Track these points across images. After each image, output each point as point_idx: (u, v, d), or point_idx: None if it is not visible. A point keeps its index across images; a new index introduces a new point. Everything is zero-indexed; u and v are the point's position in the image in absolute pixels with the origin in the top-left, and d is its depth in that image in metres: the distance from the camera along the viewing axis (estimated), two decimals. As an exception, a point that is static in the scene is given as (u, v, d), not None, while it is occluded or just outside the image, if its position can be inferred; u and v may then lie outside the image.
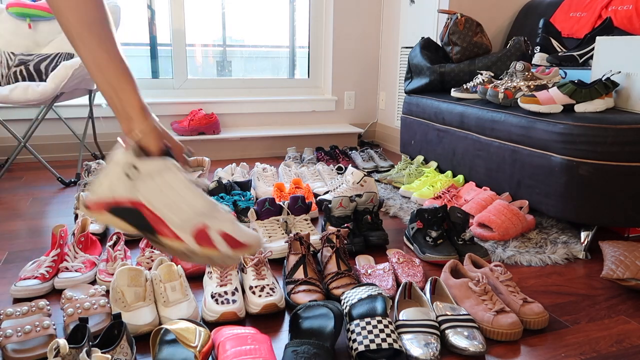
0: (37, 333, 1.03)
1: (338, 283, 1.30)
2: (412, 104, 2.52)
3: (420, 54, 2.50)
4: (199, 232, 0.74)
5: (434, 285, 1.26)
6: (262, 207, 1.63)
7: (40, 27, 2.66)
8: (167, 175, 0.74)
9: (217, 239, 0.74)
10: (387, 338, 1.02)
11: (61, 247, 1.39)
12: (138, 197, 0.73)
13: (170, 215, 0.73)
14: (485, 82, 2.17)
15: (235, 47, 3.41)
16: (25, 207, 2.02)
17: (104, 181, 0.75)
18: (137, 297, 1.14)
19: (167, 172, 0.74)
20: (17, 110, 2.77)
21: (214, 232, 0.74)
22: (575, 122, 1.56)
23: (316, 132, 3.18)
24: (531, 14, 2.71)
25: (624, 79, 1.70)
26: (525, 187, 1.78)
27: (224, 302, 1.17)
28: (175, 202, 0.73)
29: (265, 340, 1.03)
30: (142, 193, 0.73)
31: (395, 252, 1.50)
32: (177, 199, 0.74)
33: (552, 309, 1.28)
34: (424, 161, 2.46)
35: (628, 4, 2.15)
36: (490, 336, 1.13)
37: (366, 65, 3.44)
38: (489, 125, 1.93)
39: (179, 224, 0.73)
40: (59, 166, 2.74)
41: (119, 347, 0.94)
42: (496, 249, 1.62)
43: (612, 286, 1.41)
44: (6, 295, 1.30)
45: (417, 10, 2.97)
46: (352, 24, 3.33)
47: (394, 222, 1.92)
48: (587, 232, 1.62)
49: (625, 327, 1.20)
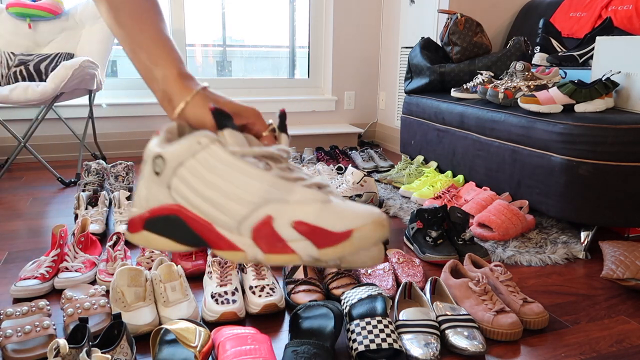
0: (37, 333, 1.03)
1: (338, 283, 1.30)
2: (412, 104, 2.52)
3: (420, 54, 2.50)
4: (260, 230, 0.49)
5: (434, 285, 1.26)
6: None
7: (40, 27, 2.66)
8: (202, 157, 0.51)
9: (289, 235, 0.48)
10: (387, 338, 1.02)
11: (61, 247, 1.39)
12: (174, 197, 0.53)
13: (216, 213, 0.51)
14: (485, 82, 2.17)
15: (235, 47, 3.40)
16: (25, 207, 2.02)
17: (140, 186, 0.56)
18: (137, 297, 1.14)
19: (202, 152, 0.51)
20: (17, 110, 2.77)
21: (283, 224, 0.49)
22: (575, 122, 1.56)
23: (316, 132, 3.18)
24: (531, 14, 2.71)
25: (624, 79, 1.70)
26: (525, 187, 1.78)
27: (224, 302, 1.17)
28: (218, 193, 0.51)
29: (265, 340, 1.03)
30: (176, 190, 0.52)
31: (395, 252, 1.50)
32: (221, 188, 0.51)
33: (552, 309, 1.28)
34: (424, 161, 2.46)
35: (628, 4, 2.14)
36: (490, 336, 1.13)
37: (366, 65, 3.44)
38: (489, 125, 1.93)
39: (229, 224, 0.50)
40: (59, 166, 2.74)
41: (119, 347, 0.94)
42: (496, 249, 1.62)
43: (612, 286, 1.41)
44: (6, 295, 1.30)
45: (417, 10, 2.97)
46: (352, 24, 3.33)
47: (394, 222, 1.92)
48: (587, 232, 1.62)
49: (625, 327, 1.20)
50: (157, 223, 0.53)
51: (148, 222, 0.54)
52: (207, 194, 0.51)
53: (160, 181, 0.53)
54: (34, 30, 2.65)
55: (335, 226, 0.47)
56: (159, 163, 0.53)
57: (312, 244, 0.47)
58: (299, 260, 0.48)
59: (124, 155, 3.04)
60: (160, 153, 0.53)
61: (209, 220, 0.51)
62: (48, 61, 2.53)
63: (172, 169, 0.52)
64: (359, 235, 0.46)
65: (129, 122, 3.02)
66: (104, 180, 2.17)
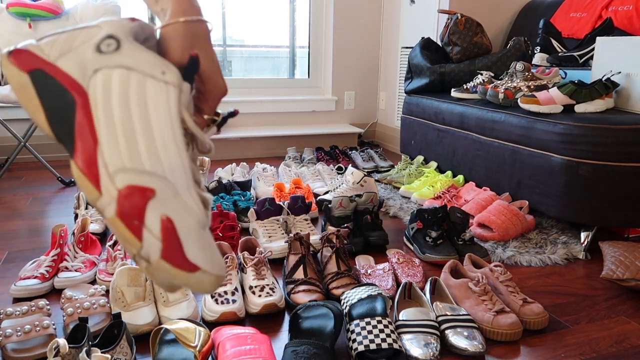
0: (37, 333, 1.03)
1: (338, 283, 1.30)
2: (412, 104, 2.52)
3: (421, 54, 2.50)
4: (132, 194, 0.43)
5: (433, 286, 1.26)
6: (262, 207, 1.63)
7: (41, 27, 2.66)
8: (154, 85, 0.46)
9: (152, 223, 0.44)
10: (387, 338, 1.02)
11: (61, 246, 1.39)
12: (89, 82, 0.45)
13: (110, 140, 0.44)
14: (486, 82, 2.17)
15: (235, 47, 3.40)
16: (25, 207, 2.02)
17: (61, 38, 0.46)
18: (137, 297, 1.14)
19: (157, 83, 0.46)
20: (17, 110, 2.77)
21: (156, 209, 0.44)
22: (576, 123, 1.56)
23: (316, 132, 3.18)
24: (531, 14, 2.71)
25: (624, 79, 1.70)
26: (525, 187, 1.78)
27: (223, 302, 1.17)
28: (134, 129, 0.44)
29: (265, 340, 1.03)
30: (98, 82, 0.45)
31: (395, 252, 1.50)
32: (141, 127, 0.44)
33: (552, 309, 1.28)
34: (424, 161, 2.46)
35: (628, 4, 2.14)
36: (490, 336, 1.13)
37: (366, 65, 3.44)
38: (489, 125, 1.93)
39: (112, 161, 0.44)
40: (59, 166, 2.74)
41: (118, 347, 0.94)
42: (496, 249, 1.62)
43: (612, 286, 1.41)
44: (6, 295, 1.30)
45: (417, 10, 2.97)
46: (352, 24, 3.32)
47: (394, 222, 1.92)
48: (587, 233, 1.62)
49: (625, 327, 1.20)
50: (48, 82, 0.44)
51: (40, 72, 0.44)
52: (122, 116, 0.44)
53: (93, 58, 0.45)
54: (34, 30, 2.65)
55: (190, 252, 0.44)
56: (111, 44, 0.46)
57: (161, 249, 0.44)
58: (133, 249, 0.44)
59: (124, 155, 3.03)
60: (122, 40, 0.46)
61: (98, 137, 0.44)
62: (48, 61, 2.53)
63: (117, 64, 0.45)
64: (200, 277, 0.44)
65: (129, 122, 3.02)
66: (104, 180, 2.17)
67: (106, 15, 2.65)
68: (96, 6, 2.66)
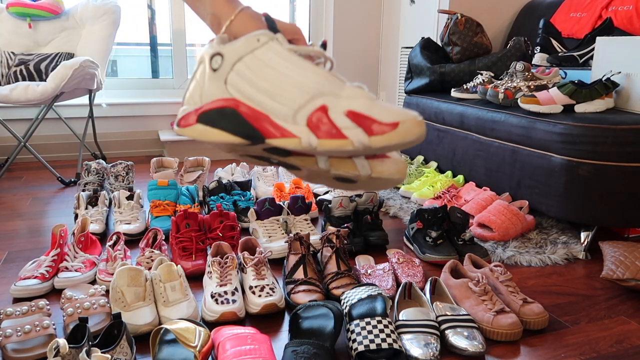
0: (37, 333, 1.03)
1: (338, 283, 1.30)
2: (412, 104, 2.52)
3: (421, 54, 2.50)
4: (315, 118, 0.53)
5: (433, 286, 1.26)
6: (262, 207, 1.63)
7: (41, 27, 2.66)
8: (261, 52, 0.56)
9: (343, 122, 0.52)
10: (387, 338, 1.02)
11: (61, 246, 1.39)
12: (229, 91, 0.56)
13: (272, 104, 0.55)
14: (486, 82, 2.17)
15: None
16: (25, 207, 2.02)
17: (191, 86, 0.59)
18: (137, 297, 1.14)
19: (261, 48, 0.56)
20: (17, 110, 2.77)
21: (337, 112, 0.53)
22: (576, 123, 1.56)
23: (316, 132, 3.17)
24: (531, 15, 2.71)
25: (624, 79, 1.70)
26: (525, 187, 1.78)
27: (223, 302, 1.17)
28: (276, 84, 0.55)
29: (265, 340, 1.03)
30: (232, 84, 0.56)
31: (395, 252, 1.50)
32: (279, 79, 0.55)
33: (552, 309, 1.28)
34: (424, 161, 2.46)
35: (628, 4, 2.14)
36: (490, 336, 1.13)
37: (366, 65, 3.44)
38: (489, 125, 1.93)
39: (285, 113, 0.54)
40: (59, 166, 2.74)
41: (118, 347, 0.94)
42: (496, 249, 1.62)
43: (612, 286, 1.41)
44: (6, 295, 1.30)
45: (417, 10, 2.97)
46: (352, 24, 3.33)
47: (394, 222, 1.92)
48: (587, 233, 1.62)
49: (625, 327, 1.20)
50: (211, 116, 0.56)
51: (202, 116, 0.56)
52: (264, 86, 0.55)
53: (216, 77, 0.57)
54: (34, 30, 2.65)
55: (383, 117, 0.52)
56: (217, 60, 0.57)
57: (364, 131, 0.51)
58: (351, 145, 0.52)
59: (124, 155, 3.04)
60: (220, 50, 0.57)
61: (264, 112, 0.55)
62: (48, 61, 2.53)
63: (230, 65, 0.56)
64: (404, 127, 0.51)
65: (129, 122, 3.02)
66: (103, 180, 2.17)
67: (106, 15, 2.65)
68: (96, 6, 2.66)
